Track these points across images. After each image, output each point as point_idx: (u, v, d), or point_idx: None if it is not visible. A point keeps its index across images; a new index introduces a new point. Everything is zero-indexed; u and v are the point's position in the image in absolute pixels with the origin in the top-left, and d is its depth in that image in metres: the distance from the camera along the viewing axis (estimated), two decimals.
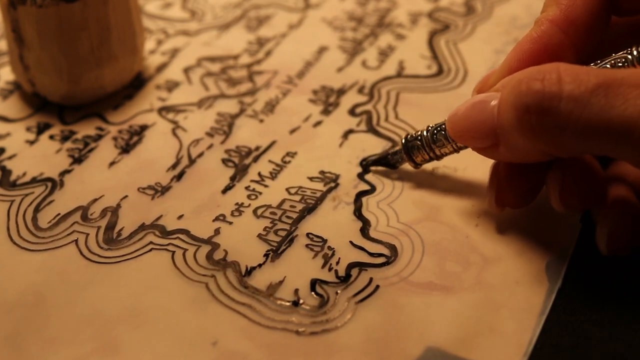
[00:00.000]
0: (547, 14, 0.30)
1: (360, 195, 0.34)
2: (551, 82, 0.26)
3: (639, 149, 0.25)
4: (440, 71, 0.41)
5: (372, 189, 0.34)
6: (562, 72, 0.26)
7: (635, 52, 0.28)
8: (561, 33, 0.30)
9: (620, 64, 0.28)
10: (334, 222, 0.32)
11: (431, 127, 0.32)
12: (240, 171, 0.35)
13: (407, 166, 0.34)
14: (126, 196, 0.34)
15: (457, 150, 0.32)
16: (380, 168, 0.35)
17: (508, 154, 0.29)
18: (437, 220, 0.32)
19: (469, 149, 0.31)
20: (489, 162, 0.35)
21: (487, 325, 0.28)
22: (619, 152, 0.26)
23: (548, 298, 0.29)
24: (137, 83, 0.41)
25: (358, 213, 0.33)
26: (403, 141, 0.33)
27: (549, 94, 0.26)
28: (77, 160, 0.36)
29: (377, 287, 0.30)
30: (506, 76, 0.29)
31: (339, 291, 0.30)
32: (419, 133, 0.33)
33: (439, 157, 0.33)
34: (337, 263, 0.31)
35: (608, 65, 0.29)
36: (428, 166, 0.35)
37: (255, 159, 0.36)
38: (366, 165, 0.35)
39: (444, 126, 0.32)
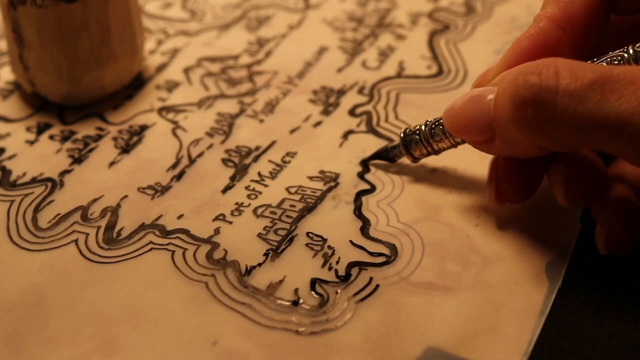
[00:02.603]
0: (546, 11, 0.30)
1: (360, 194, 0.34)
2: (548, 75, 0.26)
3: (632, 144, 0.25)
4: (440, 71, 0.41)
5: (372, 189, 0.34)
6: (560, 67, 0.26)
7: (631, 51, 0.28)
8: (559, 30, 0.30)
9: (616, 62, 0.29)
10: (334, 221, 0.32)
11: (429, 122, 0.33)
12: (240, 171, 0.35)
13: (407, 161, 0.34)
14: (126, 196, 0.34)
15: (454, 145, 0.32)
16: (379, 162, 0.35)
17: (504, 148, 0.29)
18: (437, 220, 0.32)
19: (466, 146, 0.31)
20: (488, 163, 0.35)
21: (487, 325, 0.28)
22: (613, 148, 0.26)
23: (548, 298, 0.29)
24: (137, 83, 0.41)
25: (358, 212, 0.33)
26: (402, 135, 0.34)
27: (545, 87, 0.26)
28: (77, 160, 0.36)
29: (377, 286, 0.30)
30: (504, 72, 0.30)
31: (339, 291, 0.30)
32: (418, 127, 0.33)
33: (437, 152, 0.33)
34: (337, 262, 0.31)
35: (604, 63, 0.29)
36: (428, 166, 0.35)
37: (255, 159, 0.36)
38: (366, 159, 0.35)
39: (441, 121, 0.32)
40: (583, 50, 0.30)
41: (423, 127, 0.33)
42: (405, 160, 0.34)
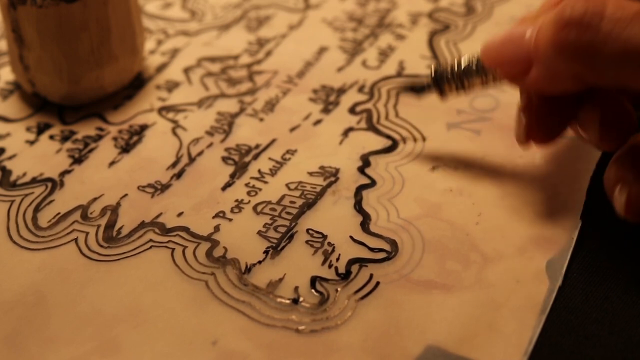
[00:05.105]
0: None
1: (360, 188, 0.34)
2: (595, 3, 0.27)
3: None
4: None
5: (373, 183, 0.34)
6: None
7: None
8: None
9: None
10: (334, 217, 0.32)
11: (463, 57, 0.33)
12: (240, 169, 0.35)
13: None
14: (126, 195, 0.34)
15: (485, 83, 0.32)
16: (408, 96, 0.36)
17: (540, 79, 0.29)
18: (437, 217, 0.32)
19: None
20: (488, 161, 0.35)
21: (487, 324, 0.28)
22: None
23: (548, 297, 0.29)
24: (137, 83, 0.41)
25: (358, 207, 0.33)
26: (433, 68, 0.33)
27: (592, 10, 0.27)
28: (77, 160, 0.36)
29: (378, 284, 0.30)
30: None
31: (339, 289, 0.30)
32: (450, 63, 0.33)
33: (465, 89, 0.33)
34: (337, 259, 0.31)
35: None
36: (428, 164, 0.35)
37: (255, 157, 0.36)
38: (397, 90, 0.36)
39: (475, 57, 0.32)
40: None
41: (455, 62, 0.33)
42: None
